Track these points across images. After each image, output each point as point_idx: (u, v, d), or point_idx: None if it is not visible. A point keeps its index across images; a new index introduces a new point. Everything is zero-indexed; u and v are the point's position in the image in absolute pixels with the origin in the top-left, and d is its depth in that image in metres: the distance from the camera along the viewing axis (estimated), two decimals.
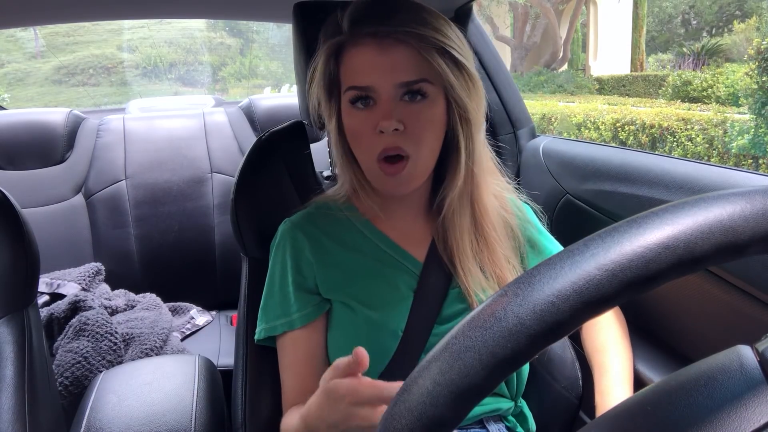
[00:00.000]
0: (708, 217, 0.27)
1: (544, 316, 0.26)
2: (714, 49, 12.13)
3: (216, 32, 18.96)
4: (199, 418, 0.94)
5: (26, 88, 16.05)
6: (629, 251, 0.27)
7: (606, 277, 0.26)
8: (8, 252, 0.84)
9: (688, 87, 8.41)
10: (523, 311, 0.26)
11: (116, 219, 1.90)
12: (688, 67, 11.59)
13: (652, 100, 8.62)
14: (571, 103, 8.73)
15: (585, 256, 0.27)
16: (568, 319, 0.26)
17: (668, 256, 0.26)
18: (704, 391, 0.31)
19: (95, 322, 1.45)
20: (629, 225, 0.28)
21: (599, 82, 11.55)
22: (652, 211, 0.29)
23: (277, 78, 15.96)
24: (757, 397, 0.29)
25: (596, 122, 7.24)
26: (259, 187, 0.96)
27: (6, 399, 0.77)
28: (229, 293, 1.77)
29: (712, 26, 14.47)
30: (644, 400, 0.32)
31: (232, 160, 2.04)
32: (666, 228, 0.27)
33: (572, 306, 0.26)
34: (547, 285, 0.27)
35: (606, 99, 9.11)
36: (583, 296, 0.26)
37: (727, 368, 0.32)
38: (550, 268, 0.28)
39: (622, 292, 0.26)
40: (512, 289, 0.28)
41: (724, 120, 5.82)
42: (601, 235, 0.29)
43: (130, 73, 17.46)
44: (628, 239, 0.27)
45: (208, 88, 17.14)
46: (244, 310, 0.92)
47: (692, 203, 0.28)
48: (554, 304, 0.26)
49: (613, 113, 7.16)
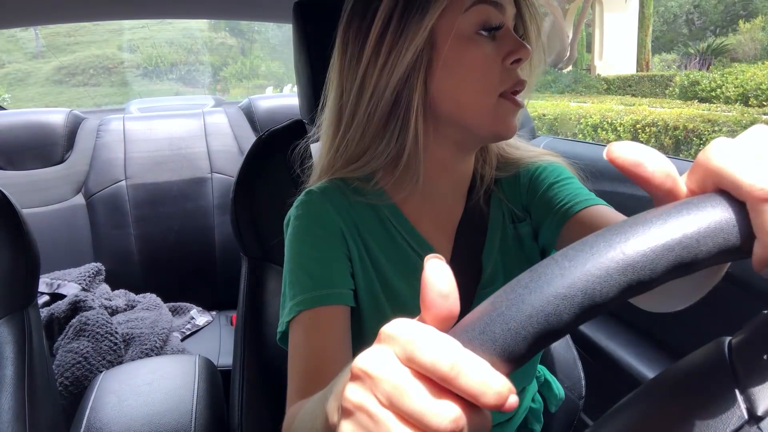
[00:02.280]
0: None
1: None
2: (719, 49, 12.03)
3: (217, 32, 18.98)
4: (199, 418, 0.94)
5: (27, 88, 16.07)
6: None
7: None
8: (8, 252, 0.84)
9: (696, 87, 8.24)
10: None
11: (116, 219, 1.90)
12: (695, 67, 11.46)
13: (667, 100, 8.38)
14: (583, 104, 8.51)
15: None
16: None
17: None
18: (680, 397, 0.30)
19: (95, 322, 1.45)
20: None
21: (606, 82, 11.35)
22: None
23: (278, 78, 15.98)
24: (725, 402, 0.28)
25: (613, 123, 6.97)
26: (259, 187, 0.95)
27: (6, 399, 0.77)
28: (229, 293, 1.77)
29: (716, 26, 14.41)
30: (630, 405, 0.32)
31: (232, 160, 2.04)
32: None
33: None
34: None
35: (620, 99, 8.84)
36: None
37: (701, 367, 0.31)
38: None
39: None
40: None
41: (754, 120, 5.59)
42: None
43: (131, 73, 17.49)
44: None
45: (209, 88, 17.16)
46: (243, 310, 0.92)
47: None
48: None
49: (632, 114, 6.88)
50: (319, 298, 0.64)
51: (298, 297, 0.65)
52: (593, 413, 1.11)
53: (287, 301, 0.66)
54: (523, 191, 0.73)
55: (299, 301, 0.64)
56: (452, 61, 0.62)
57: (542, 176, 0.72)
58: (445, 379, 0.25)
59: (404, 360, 0.27)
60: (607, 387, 1.11)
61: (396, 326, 0.28)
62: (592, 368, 1.03)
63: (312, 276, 0.65)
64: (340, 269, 0.67)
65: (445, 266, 0.29)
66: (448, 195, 0.72)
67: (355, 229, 0.70)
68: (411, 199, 0.71)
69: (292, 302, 0.65)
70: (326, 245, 0.67)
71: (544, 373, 0.88)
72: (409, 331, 0.27)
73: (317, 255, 0.67)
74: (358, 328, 0.68)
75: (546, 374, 0.88)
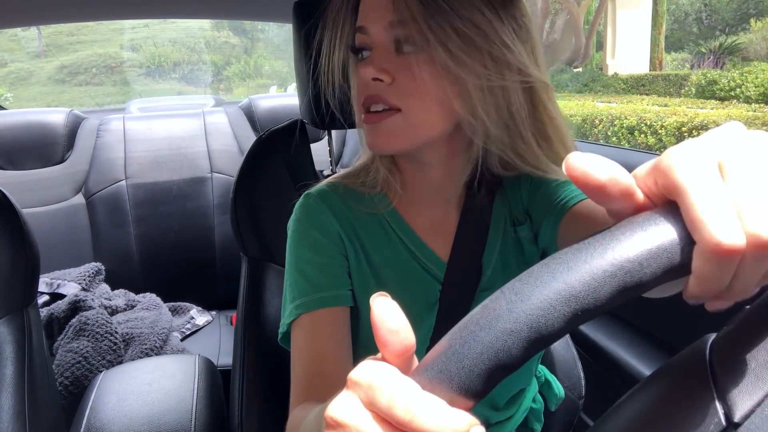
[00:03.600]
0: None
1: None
2: (732, 48, 11.87)
3: (220, 31, 18.98)
4: (199, 418, 0.94)
5: (29, 87, 16.10)
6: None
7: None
8: (8, 252, 0.84)
9: (714, 86, 7.95)
10: None
11: (116, 219, 1.90)
12: (708, 66, 11.26)
13: (703, 101, 7.87)
14: (609, 104, 7.96)
15: None
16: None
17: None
18: (660, 401, 0.29)
19: (95, 322, 1.45)
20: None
21: (621, 81, 10.96)
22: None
23: (281, 77, 15.96)
24: (703, 407, 0.27)
25: (653, 126, 6.30)
26: (259, 186, 0.95)
27: (6, 399, 0.77)
28: (229, 293, 1.77)
29: (726, 24, 14.30)
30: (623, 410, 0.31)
31: (232, 160, 2.04)
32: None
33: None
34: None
35: (652, 100, 8.33)
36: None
37: (682, 369, 0.30)
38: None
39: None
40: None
41: None
42: None
43: (133, 72, 17.50)
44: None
45: (212, 87, 17.16)
46: (243, 309, 0.92)
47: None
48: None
49: (675, 116, 6.20)
50: (316, 301, 0.66)
51: (297, 300, 0.67)
52: (593, 413, 1.11)
53: (287, 303, 0.68)
54: (525, 193, 0.73)
55: (298, 305, 0.66)
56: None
57: (543, 176, 0.70)
58: (401, 423, 0.26)
59: (367, 405, 0.27)
60: (607, 386, 1.11)
61: (359, 371, 0.28)
62: (591, 368, 1.02)
63: (310, 279, 0.67)
64: (338, 271, 0.69)
65: (392, 302, 0.29)
66: (441, 198, 0.73)
67: (353, 231, 0.71)
68: (409, 202, 0.73)
69: (291, 305, 0.67)
70: (323, 249, 0.69)
71: (545, 372, 0.88)
72: (369, 376, 0.28)
73: (315, 259, 0.68)
74: (356, 327, 0.69)
75: (546, 374, 0.88)
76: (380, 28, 0.63)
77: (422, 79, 0.61)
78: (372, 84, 0.63)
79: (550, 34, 12.80)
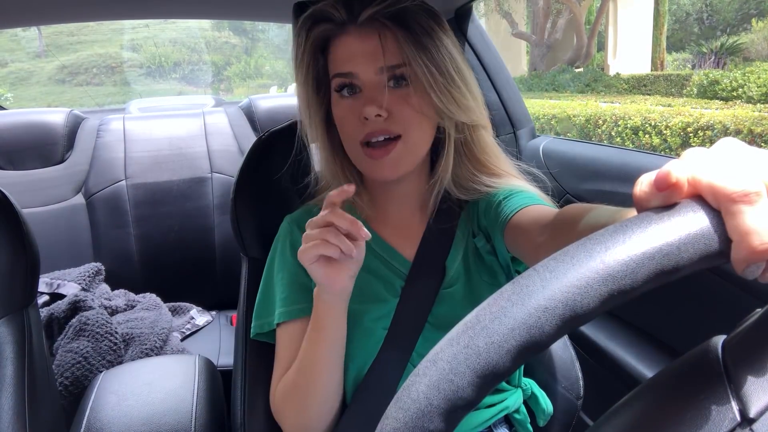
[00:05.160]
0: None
1: None
2: (733, 48, 11.81)
3: (221, 31, 18.98)
4: (199, 418, 0.94)
5: (29, 87, 16.09)
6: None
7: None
8: (8, 252, 0.84)
9: (716, 87, 7.85)
10: None
11: (116, 219, 1.90)
12: (710, 66, 11.14)
13: (707, 101, 7.77)
14: (613, 104, 7.86)
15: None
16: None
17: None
18: (673, 399, 0.29)
19: (95, 322, 1.45)
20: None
21: (622, 81, 10.82)
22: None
23: (282, 78, 15.95)
24: (718, 404, 0.27)
25: (658, 126, 6.19)
26: (259, 187, 0.95)
27: (6, 399, 0.77)
28: (229, 293, 1.76)
29: (727, 24, 14.25)
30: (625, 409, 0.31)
31: (232, 160, 2.04)
32: None
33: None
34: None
35: (656, 100, 8.22)
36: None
37: (694, 368, 0.30)
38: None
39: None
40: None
41: None
42: None
43: (133, 72, 17.49)
44: None
45: (212, 87, 17.14)
46: (243, 310, 0.92)
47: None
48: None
49: (681, 116, 6.09)
50: (280, 315, 0.78)
51: (258, 320, 0.82)
52: (592, 413, 1.11)
53: (254, 318, 0.82)
54: (481, 214, 0.80)
55: (260, 323, 0.81)
56: (334, 115, 0.76)
57: (495, 197, 0.78)
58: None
59: (324, 224, 0.63)
60: (606, 386, 1.11)
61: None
62: (590, 367, 1.02)
63: (280, 297, 0.79)
64: (308, 287, 0.78)
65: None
66: (408, 208, 0.84)
67: None
68: (376, 215, 0.83)
69: (255, 322, 0.82)
70: (294, 269, 0.80)
71: (531, 386, 0.88)
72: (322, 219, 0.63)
73: (287, 277, 0.80)
74: None
75: (534, 388, 0.88)
76: (371, 73, 0.71)
77: (414, 105, 0.71)
78: (372, 120, 0.70)
79: (552, 34, 12.72)
